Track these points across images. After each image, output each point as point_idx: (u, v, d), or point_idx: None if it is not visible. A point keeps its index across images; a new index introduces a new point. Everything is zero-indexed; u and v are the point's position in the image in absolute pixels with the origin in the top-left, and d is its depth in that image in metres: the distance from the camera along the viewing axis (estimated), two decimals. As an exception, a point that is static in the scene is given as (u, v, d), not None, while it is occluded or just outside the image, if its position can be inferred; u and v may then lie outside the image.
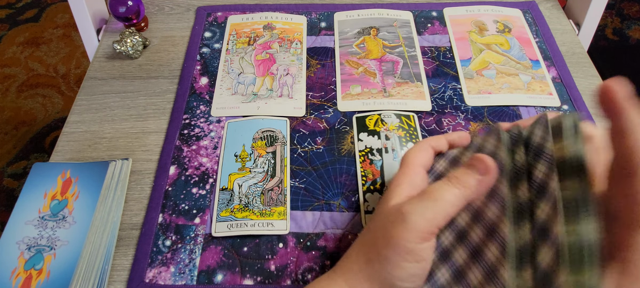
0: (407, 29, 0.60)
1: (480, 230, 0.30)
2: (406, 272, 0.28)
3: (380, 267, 0.29)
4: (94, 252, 0.40)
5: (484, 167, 0.28)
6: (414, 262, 0.28)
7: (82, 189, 0.44)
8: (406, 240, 0.28)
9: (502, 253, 0.28)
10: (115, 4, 0.58)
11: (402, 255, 0.28)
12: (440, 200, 0.28)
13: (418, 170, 0.33)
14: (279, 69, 0.56)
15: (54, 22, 1.68)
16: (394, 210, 0.30)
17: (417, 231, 0.28)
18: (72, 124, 0.51)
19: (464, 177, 0.29)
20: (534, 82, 0.54)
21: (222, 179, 0.45)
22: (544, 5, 0.64)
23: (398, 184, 0.32)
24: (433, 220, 0.28)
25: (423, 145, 0.35)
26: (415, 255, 0.28)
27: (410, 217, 0.28)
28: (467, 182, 0.29)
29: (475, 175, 0.29)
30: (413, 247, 0.28)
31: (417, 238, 0.28)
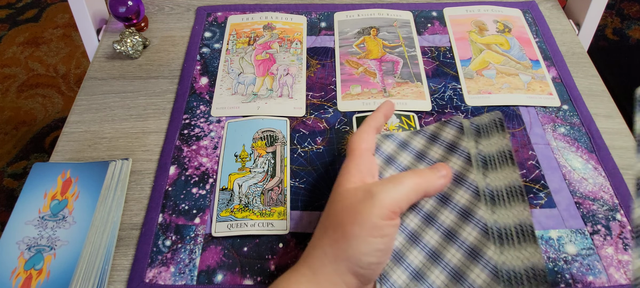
0: (407, 29, 0.60)
1: (453, 214, 0.34)
2: (371, 246, 0.30)
3: (347, 244, 0.31)
4: (94, 252, 0.40)
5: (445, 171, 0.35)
6: (379, 237, 0.31)
7: (82, 189, 0.44)
8: (373, 215, 0.30)
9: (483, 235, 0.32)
10: (115, 4, 0.58)
11: (369, 230, 0.30)
12: (404, 184, 0.32)
13: (363, 154, 0.36)
14: (279, 69, 0.56)
15: (54, 22, 1.68)
16: (360, 190, 0.32)
17: (383, 207, 0.31)
18: (72, 124, 0.51)
19: (428, 172, 0.34)
20: (534, 82, 0.54)
21: (222, 179, 0.45)
22: (544, 5, 0.64)
23: (347, 170, 0.35)
24: (397, 200, 0.31)
25: (364, 128, 0.38)
26: (381, 230, 0.31)
27: (379, 195, 0.31)
28: (428, 176, 0.34)
29: (436, 173, 0.34)
30: (379, 223, 0.30)
31: (383, 214, 0.31)
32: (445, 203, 0.35)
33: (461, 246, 0.32)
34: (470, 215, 0.33)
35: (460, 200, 0.34)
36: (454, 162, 0.36)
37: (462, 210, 0.34)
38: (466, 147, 0.36)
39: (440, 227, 0.34)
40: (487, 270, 0.31)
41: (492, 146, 0.36)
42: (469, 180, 0.35)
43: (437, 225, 0.34)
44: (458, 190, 0.35)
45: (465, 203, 0.34)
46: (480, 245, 0.32)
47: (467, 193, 0.34)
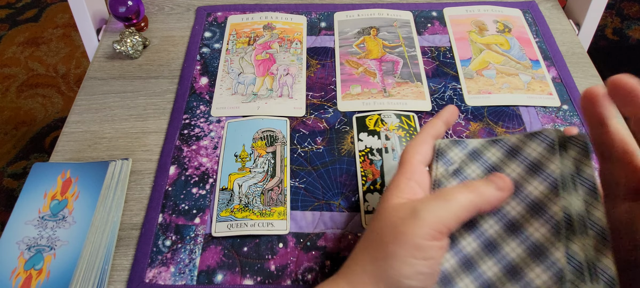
0: (407, 29, 0.60)
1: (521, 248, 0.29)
2: (413, 269, 0.28)
3: (386, 264, 0.28)
4: (94, 252, 0.40)
5: (502, 184, 0.30)
6: (421, 259, 0.28)
7: (82, 189, 0.44)
8: (416, 236, 0.28)
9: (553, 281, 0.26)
10: (115, 4, 0.58)
11: (411, 251, 0.28)
12: (452, 201, 0.29)
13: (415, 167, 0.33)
14: (279, 69, 0.56)
15: (54, 22, 1.68)
16: (405, 207, 0.30)
17: (428, 227, 0.28)
18: (72, 124, 0.51)
19: (481, 186, 0.30)
20: (534, 82, 0.54)
21: (222, 179, 0.45)
22: (544, 5, 0.64)
23: (396, 185, 0.32)
24: (444, 219, 0.28)
25: (421, 138, 0.34)
26: (424, 252, 0.28)
27: (422, 213, 0.28)
28: (482, 190, 0.29)
29: (492, 187, 0.30)
30: (422, 243, 0.28)
31: (427, 234, 0.28)
32: (514, 234, 0.29)
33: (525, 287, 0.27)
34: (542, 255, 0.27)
35: (534, 234, 0.28)
36: (535, 186, 0.29)
37: (533, 246, 0.28)
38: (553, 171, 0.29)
39: (502, 260, 0.29)
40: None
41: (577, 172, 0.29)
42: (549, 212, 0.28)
43: (499, 256, 0.29)
44: (533, 222, 0.28)
45: (538, 238, 0.28)
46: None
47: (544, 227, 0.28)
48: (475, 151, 0.34)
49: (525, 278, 0.27)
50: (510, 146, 0.32)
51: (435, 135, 0.35)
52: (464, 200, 0.29)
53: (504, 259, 0.29)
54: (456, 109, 0.37)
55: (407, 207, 0.30)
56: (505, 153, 0.32)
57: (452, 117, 0.37)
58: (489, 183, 0.30)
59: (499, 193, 0.30)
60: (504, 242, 0.29)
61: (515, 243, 0.29)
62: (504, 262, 0.29)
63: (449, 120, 0.36)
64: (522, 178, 0.30)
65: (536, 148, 0.31)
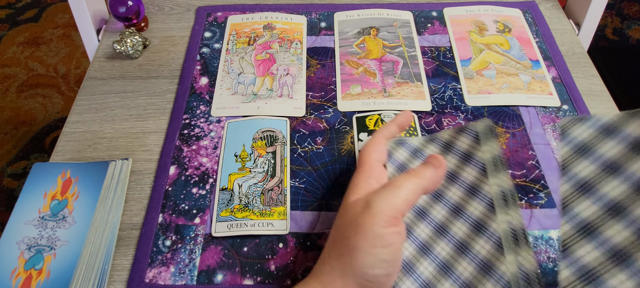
0: (407, 29, 0.60)
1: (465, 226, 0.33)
2: (376, 257, 0.30)
3: (351, 257, 0.30)
4: (94, 252, 0.40)
5: (438, 162, 0.34)
6: (381, 247, 0.30)
7: (82, 189, 0.44)
8: (373, 225, 0.30)
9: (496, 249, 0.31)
10: (115, 4, 0.58)
11: (371, 240, 0.30)
12: (401, 187, 0.31)
13: (373, 165, 0.35)
14: (279, 69, 0.56)
15: (54, 22, 1.68)
16: (359, 201, 0.32)
17: (382, 215, 0.30)
18: (72, 124, 0.51)
19: (421, 169, 0.33)
20: (534, 82, 0.54)
21: (222, 179, 0.45)
22: (544, 5, 0.64)
23: (356, 183, 0.34)
24: (396, 205, 0.30)
25: (376, 139, 0.37)
26: (383, 239, 0.30)
27: (375, 203, 0.31)
28: (423, 173, 0.33)
29: (430, 168, 0.33)
30: (380, 231, 0.30)
31: (383, 222, 0.30)
32: (459, 215, 0.34)
33: (473, 259, 0.32)
34: (483, 228, 0.32)
35: (474, 212, 0.33)
36: (468, 172, 0.35)
37: (475, 223, 0.33)
38: (481, 157, 0.35)
39: (452, 239, 0.33)
40: (499, 285, 0.30)
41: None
42: (483, 191, 0.33)
43: (449, 236, 0.33)
44: (472, 202, 0.34)
45: (479, 215, 0.33)
46: (494, 259, 0.31)
47: (481, 205, 0.33)
48: (416, 149, 0.38)
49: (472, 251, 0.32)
50: (445, 141, 0.37)
51: (388, 137, 0.38)
52: (410, 185, 0.32)
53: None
54: (411, 114, 0.40)
55: (361, 201, 0.32)
56: (441, 148, 0.37)
57: (406, 120, 0.40)
58: (427, 166, 0.33)
59: (438, 171, 0.33)
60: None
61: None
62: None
63: (403, 124, 0.40)
64: (457, 168, 0.35)
65: (465, 141, 0.36)
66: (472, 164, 0.35)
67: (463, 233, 0.33)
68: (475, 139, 0.35)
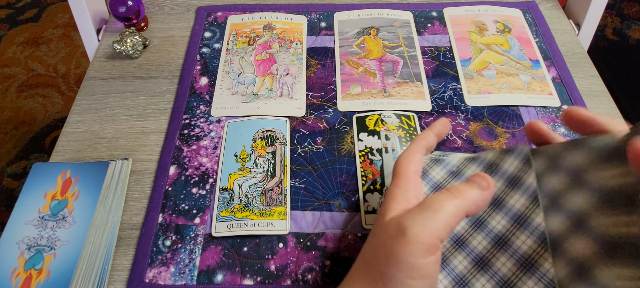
0: (407, 29, 0.60)
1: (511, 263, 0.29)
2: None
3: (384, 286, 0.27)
4: (94, 252, 0.40)
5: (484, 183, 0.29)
6: (419, 279, 0.26)
7: (82, 189, 0.44)
8: (409, 255, 0.26)
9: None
10: (115, 4, 0.58)
11: (406, 271, 0.26)
12: (440, 210, 0.27)
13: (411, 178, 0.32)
14: (279, 69, 0.56)
15: (54, 22, 1.68)
16: (393, 223, 0.28)
17: (419, 243, 0.26)
18: (72, 124, 0.51)
19: (464, 189, 0.29)
20: (534, 82, 0.54)
21: (222, 179, 0.45)
22: (544, 5, 0.64)
23: (392, 197, 0.31)
24: (435, 231, 0.27)
25: (413, 148, 0.34)
26: (420, 271, 0.26)
27: (411, 229, 0.27)
28: (467, 193, 0.28)
29: (475, 188, 0.29)
30: (416, 262, 0.26)
31: (420, 251, 0.26)
32: (503, 248, 0.29)
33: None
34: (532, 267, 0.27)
35: (521, 247, 0.28)
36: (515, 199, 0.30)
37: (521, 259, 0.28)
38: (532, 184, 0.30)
39: (494, 276, 0.29)
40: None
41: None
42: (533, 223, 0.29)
43: (490, 272, 0.29)
44: (520, 235, 0.29)
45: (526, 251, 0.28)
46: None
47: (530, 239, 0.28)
48: (455, 170, 0.34)
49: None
50: (488, 162, 0.33)
51: (426, 146, 0.35)
52: (451, 206, 0.28)
53: (496, 275, 0.29)
54: (448, 122, 0.37)
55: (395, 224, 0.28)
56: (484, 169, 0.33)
57: (444, 129, 0.36)
58: (472, 185, 0.29)
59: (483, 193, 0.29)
60: (494, 257, 0.29)
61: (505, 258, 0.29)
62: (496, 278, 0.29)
63: (441, 133, 0.36)
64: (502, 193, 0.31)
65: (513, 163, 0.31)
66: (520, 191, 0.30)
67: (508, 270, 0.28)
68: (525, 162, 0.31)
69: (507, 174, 0.31)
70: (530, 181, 0.30)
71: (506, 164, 0.32)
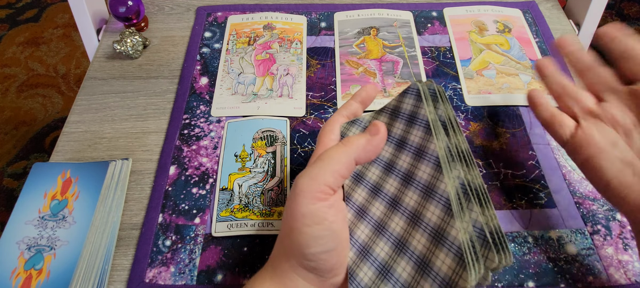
0: (407, 29, 0.60)
1: (416, 193, 0.31)
2: (308, 236, 0.28)
3: (289, 240, 0.30)
4: (94, 252, 0.40)
5: (374, 129, 0.32)
6: (313, 225, 0.28)
7: (82, 189, 0.44)
8: (299, 205, 0.29)
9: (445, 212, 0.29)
10: (115, 4, 0.58)
11: (300, 219, 0.29)
12: (327, 159, 0.30)
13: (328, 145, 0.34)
14: (279, 69, 0.56)
15: (54, 22, 1.68)
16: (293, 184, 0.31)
17: (306, 192, 0.29)
18: (72, 124, 0.51)
19: (354, 138, 0.32)
20: (534, 82, 0.54)
21: (222, 179, 0.45)
22: (544, 5, 0.64)
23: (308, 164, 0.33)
24: (320, 179, 0.29)
25: (334, 118, 0.36)
26: (312, 216, 0.28)
27: (299, 182, 0.29)
28: (355, 142, 0.31)
29: (364, 136, 0.32)
30: (306, 210, 0.28)
31: (308, 199, 0.29)
32: (410, 183, 0.32)
33: (425, 229, 0.29)
34: (433, 192, 0.30)
35: (423, 176, 0.31)
36: (414, 134, 0.33)
37: (424, 188, 0.31)
38: (425, 115, 0.33)
39: (405, 211, 0.31)
40: (451, 253, 0.28)
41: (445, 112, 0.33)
42: (429, 151, 0.31)
43: (402, 209, 0.31)
44: (420, 166, 0.32)
45: (427, 178, 0.31)
46: (444, 224, 0.29)
47: (428, 166, 0.31)
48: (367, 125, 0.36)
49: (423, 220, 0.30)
50: (392, 108, 0.36)
51: (348, 115, 0.37)
52: (337, 154, 0.30)
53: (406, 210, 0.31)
54: (374, 87, 0.38)
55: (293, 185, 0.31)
56: (389, 116, 0.36)
57: (369, 95, 0.38)
58: (362, 134, 0.32)
59: (374, 138, 0.32)
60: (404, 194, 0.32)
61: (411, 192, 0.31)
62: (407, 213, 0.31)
63: (365, 99, 0.37)
64: (405, 132, 0.34)
65: (409, 102, 0.34)
66: (417, 125, 0.33)
67: (414, 202, 0.31)
68: (418, 97, 0.34)
69: (406, 114, 0.34)
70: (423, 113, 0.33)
71: (404, 104, 0.35)
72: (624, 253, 0.40)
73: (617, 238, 0.41)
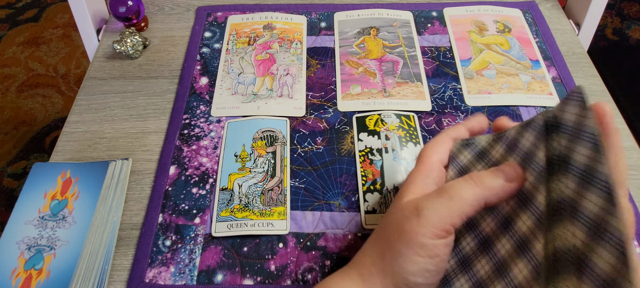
0: (407, 29, 0.60)
1: (509, 243, 0.28)
2: (418, 266, 0.28)
3: (393, 260, 0.29)
4: (94, 252, 0.40)
5: (513, 174, 0.28)
6: (426, 257, 0.28)
7: (82, 189, 0.44)
8: (419, 235, 0.28)
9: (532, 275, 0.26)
10: (115, 4, 0.58)
11: (415, 249, 0.28)
12: (457, 198, 0.28)
13: (434, 166, 0.32)
14: (279, 69, 0.56)
15: (54, 22, 1.68)
16: (410, 204, 0.29)
17: (431, 226, 0.27)
18: (72, 124, 0.51)
19: (488, 179, 0.28)
20: (534, 82, 0.54)
21: (222, 179, 0.45)
22: (544, 5, 0.64)
23: (412, 181, 0.31)
24: (448, 217, 0.28)
25: (441, 138, 0.34)
26: (428, 250, 0.28)
27: (425, 212, 0.28)
28: (490, 184, 0.28)
29: (500, 179, 0.28)
30: (426, 242, 0.27)
31: (431, 233, 0.27)
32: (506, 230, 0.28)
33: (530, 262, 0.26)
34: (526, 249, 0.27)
35: (521, 228, 0.27)
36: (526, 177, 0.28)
37: (519, 241, 0.27)
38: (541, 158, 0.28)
39: (514, 235, 0.28)
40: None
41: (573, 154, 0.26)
42: (534, 203, 0.27)
43: (512, 232, 0.28)
44: (522, 215, 0.28)
45: (525, 232, 0.27)
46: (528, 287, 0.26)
47: (529, 220, 0.27)
48: (482, 151, 0.33)
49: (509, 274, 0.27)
50: (511, 139, 0.31)
51: (455, 138, 0.35)
52: (468, 195, 0.28)
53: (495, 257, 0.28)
54: (485, 120, 0.36)
55: (411, 205, 0.29)
56: (506, 147, 0.31)
57: (479, 125, 0.35)
58: (497, 175, 0.28)
59: (509, 185, 0.28)
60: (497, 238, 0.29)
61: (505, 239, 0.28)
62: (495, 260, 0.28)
63: (474, 129, 0.35)
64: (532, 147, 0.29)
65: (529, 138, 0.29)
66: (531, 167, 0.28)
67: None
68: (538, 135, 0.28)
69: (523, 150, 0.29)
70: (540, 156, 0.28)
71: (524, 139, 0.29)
72: (624, 253, 0.40)
73: (617, 238, 0.41)
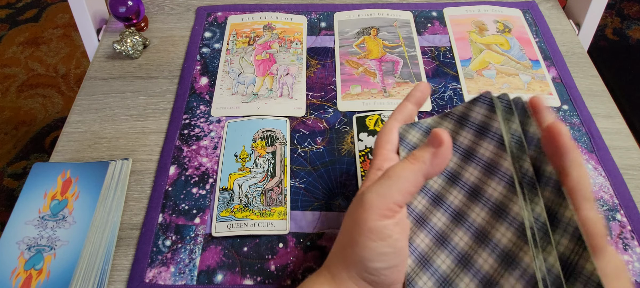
0: (407, 29, 0.60)
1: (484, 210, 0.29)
2: (373, 251, 0.29)
3: (352, 251, 0.30)
4: (94, 252, 0.40)
5: (438, 140, 0.30)
6: (378, 241, 0.29)
7: (82, 189, 0.44)
8: (367, 220, 0.29)
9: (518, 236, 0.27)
10: (115, 4, 0.58)
11: (366, 234, 0.29)
12: (395, 177, 0.29)
13: (386, 157, 0.34)
14: (279, 69, 0.56)
15: (54, 22, 1.68)
16: (358, 197, 0.31)
17: (374, 208, 0.29)
18: (72, 124, 0.51)
19: (419, 152, 0.30)
20: (534, 82, 0.54)
21: (222, 179, 0.45)
22: (544, 5, 0.64)
23: (367, 177, 0.33)
24: (389, 196, 0.29)
25: (390, 125, 0.35)
26: (379, 232, 0.28)
27: (366, 196, 0.29)
28: (421, 156, 0.30)
29: (429, 149, 0.30)
30: (374, 225, 0.28)
31: (376, 215, 0.28)
32: (477, 198, 0.30)
33: (494, 250, 0.28)
34: (504, 212, 0.28)
35: (493, 194, 0.29)
36: (485, 147, 0.31)
37: (494, 207, 0.29)
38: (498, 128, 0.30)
39: (470, 227, 0.30)
40: (523, 280, 0.26)
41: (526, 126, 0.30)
42: (502, 169, 0.29)
43: (467, 224, 0.30)
44: (490, 182, 0.29)
45: (498, 197, 0.29)
46: (516, 249, 0.27)
47: (500, 185, 0.29)
48: (429, 129, 0.34)
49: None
50: (459, 115, 0.33)
51: (404, 119, 0.35)
52: (406, 173, 0.29)
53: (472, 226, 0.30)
54: (427, 86, 0.36)
55: (358, 197, 0.31)
56: (455, 123, 0.33)
57: (423, 95, 0.36)
58: (426, 148, 0.30)
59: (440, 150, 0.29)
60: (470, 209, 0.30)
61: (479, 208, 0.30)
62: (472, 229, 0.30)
63: (420, 99, 0.36)
64: (473, 143, 0.32)
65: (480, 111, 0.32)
66: (488, 138, 0.31)
67: (482, 219, 0.29)
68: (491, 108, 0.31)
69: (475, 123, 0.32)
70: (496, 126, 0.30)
71: (474, 113, 0.32)
72: (623, 253, 0.40)
73: (617, 239, 0.41)
